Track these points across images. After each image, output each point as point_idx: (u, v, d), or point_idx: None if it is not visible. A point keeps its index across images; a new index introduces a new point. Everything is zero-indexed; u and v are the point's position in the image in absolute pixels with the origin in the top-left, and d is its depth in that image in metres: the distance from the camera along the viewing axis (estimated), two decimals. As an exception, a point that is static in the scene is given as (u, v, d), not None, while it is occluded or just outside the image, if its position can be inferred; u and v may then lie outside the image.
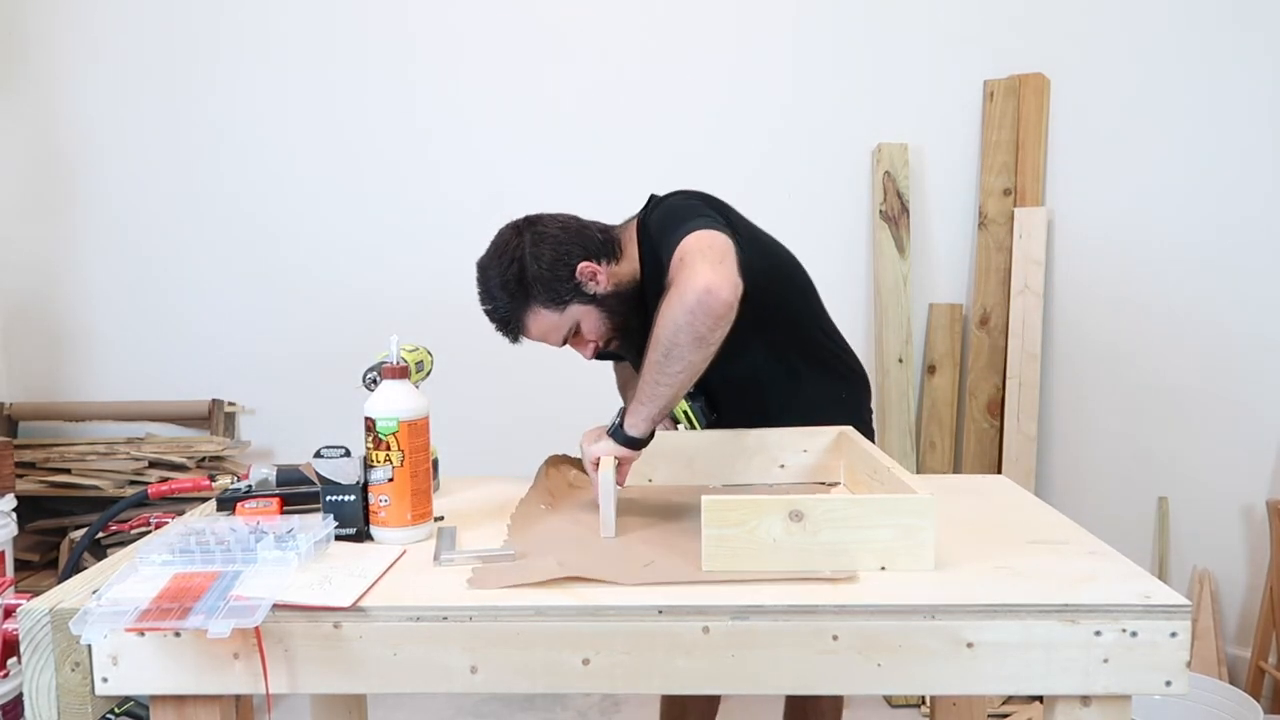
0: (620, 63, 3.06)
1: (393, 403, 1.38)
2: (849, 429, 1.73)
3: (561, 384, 3.03)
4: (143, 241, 3.22)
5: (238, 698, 1.22)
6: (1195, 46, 2.84)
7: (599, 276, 1.68)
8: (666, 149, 3.06)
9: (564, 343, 1.72)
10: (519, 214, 1.57)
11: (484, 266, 1.70)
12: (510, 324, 1.68)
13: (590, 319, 1.69)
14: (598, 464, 1.49)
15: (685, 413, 1.79)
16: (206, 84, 3.15)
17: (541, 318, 1.67)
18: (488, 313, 1.69)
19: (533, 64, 3.08)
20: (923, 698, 2.82)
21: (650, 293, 1.65)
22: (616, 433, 1.50)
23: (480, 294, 1.70)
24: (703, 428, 1.78)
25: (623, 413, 1.52)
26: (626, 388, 1.89)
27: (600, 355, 1.77)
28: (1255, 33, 2.79)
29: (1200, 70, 2.84)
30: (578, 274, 1.66)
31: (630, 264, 1.73)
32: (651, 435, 1.53)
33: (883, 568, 1.24)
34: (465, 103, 3.11)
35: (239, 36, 3.13)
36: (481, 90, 3.10)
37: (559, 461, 1.77)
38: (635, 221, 1.76)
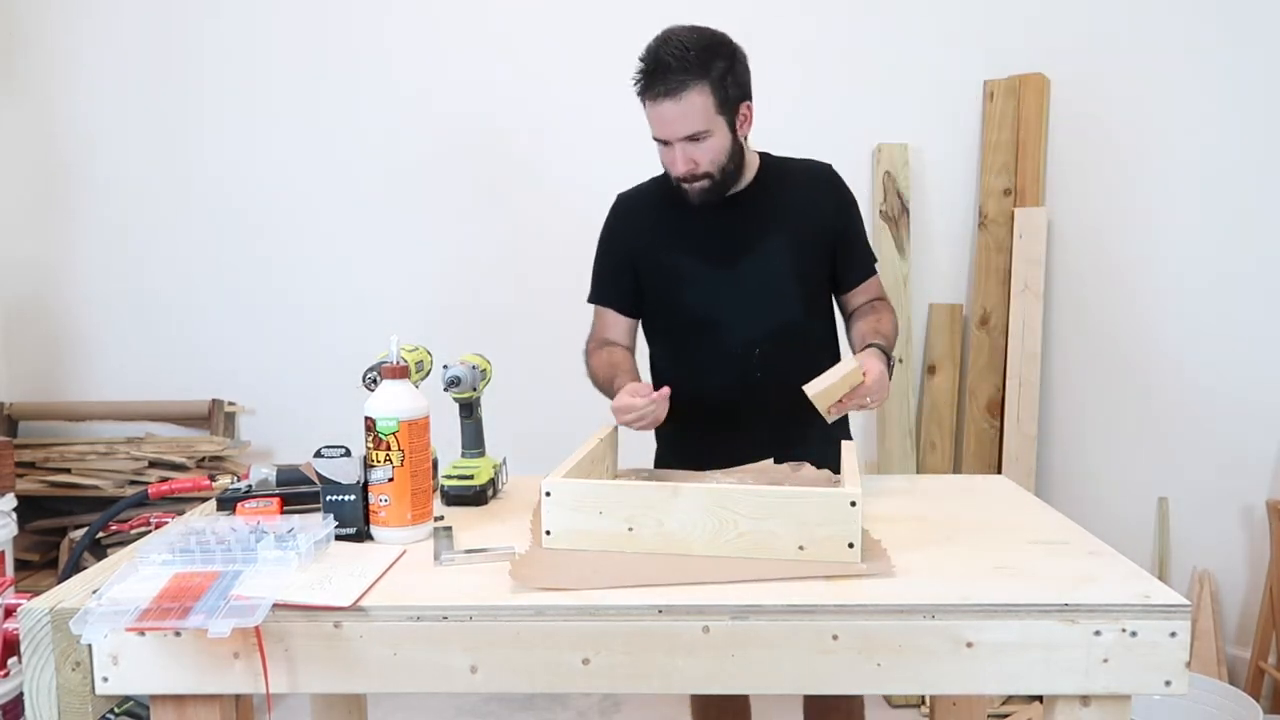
0: (619, 63, 3.05)
1: (393, 403, 1.38)
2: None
3: (558, 388, 3.03)
4: (143, 241, 3.22)
5: (238, 697, 1.22)
6: (1195, 46, 2.84)
7: (745, 126, 1.78)
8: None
9: (682, 137, 1.70)
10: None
11: (688, 28, 1.72)
12: (672, 76, 1.66)
13: (718, 143, 1.73)
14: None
15: None
16: (205, 85, 3.15)
17: (703, 98, 1.68)
18: (664, 56, 1.67)
19: (527, 63, 3.08)
20: (923, 698, 2.82)
21: (763, 196, 1.84)
22: (885, 354, 1.71)
23: (663, 40, 1.69)
24: None
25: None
26: (605, 376, 1.85)
27: (684, 179, 1.76)
28: (1254, 32, 2.79)
29: (1200, 70, 2.84)
30: (743, 105, 1.76)
31: (748, 155, 1.84)
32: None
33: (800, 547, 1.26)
34: (461, 101, 3.11)
35: (236, 39, 3.13)
36: (477, 89, 3.10)
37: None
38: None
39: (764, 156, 1.91)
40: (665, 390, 1.67)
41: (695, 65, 1.67)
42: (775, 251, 1.84)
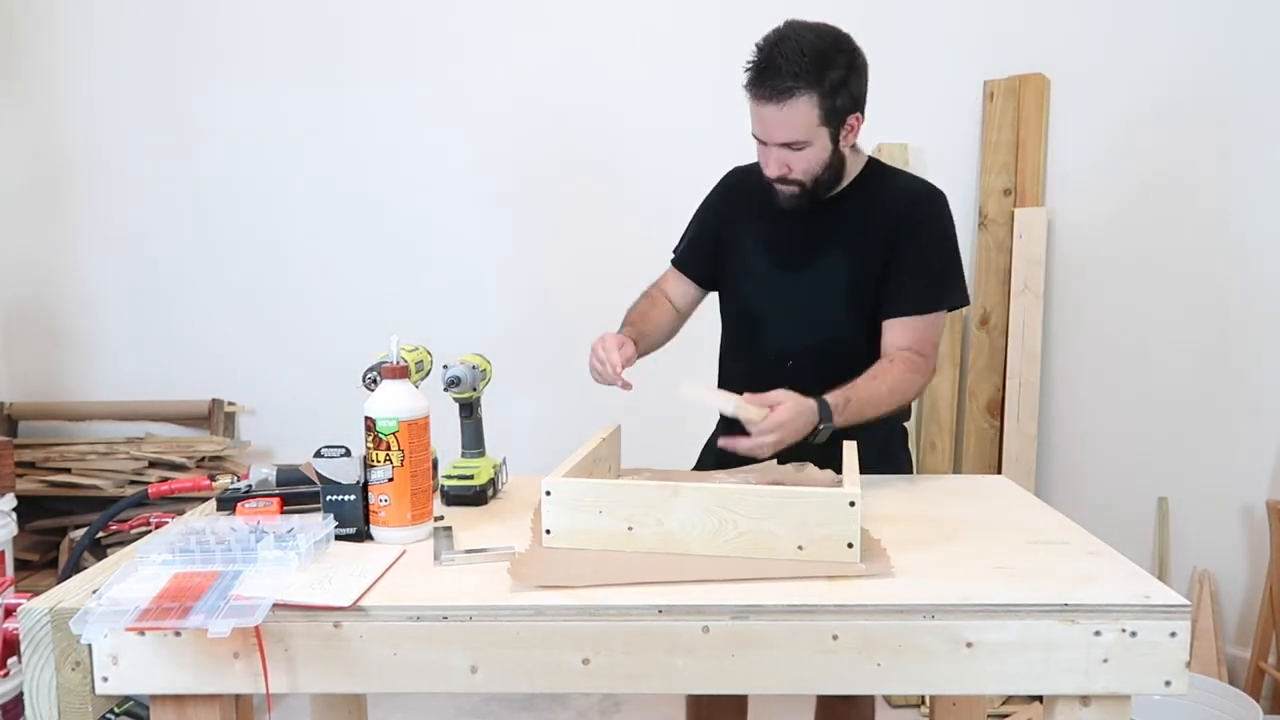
0: (619, 66, 3.06)
1: (393, 403, 1.38)
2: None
3: (560, 389, 3.03)
4: (143, 241, 3.22)
5: (238, 697, 1.22)
6: (1195, 46, 2.84)
7: (850, 137, 1.70)
8: (665, 153, 3.05)
9: (779, 143, 1.64)
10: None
11: (810, 26, 1.63)
12: (780, 81, 1.58)
13: (815, 155, 1.66)
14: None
15: None
16: (207, 84, 3.15)
17: (808, 109, 1.61)
18: (776, 57, 1.58)
19: (535, 71, 3.08)
20: (923, 698, 2.81)
21: (844, 207, 1.75)
22: (825, 410, 1.57)
23: (781, 38, 1.60)
24: None
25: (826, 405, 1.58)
26: (629, 316, 1.86)
27: (779, 181, 1.70)
28: (1254, 31, 2.79)
29: (1200, 70, 2.84)
30: (851, 116, 1.67)
31: (850, 162, 1.75)
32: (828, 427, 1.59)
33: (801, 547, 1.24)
34: (467, 106, 3.11)
35: (239, 38, 3.13)
36: (482, 94, 3.10)
37: None
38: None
39: (870, 164, 1.80)
40: (624, 380, 1.65)
41: (806, 73, 1.58)
42: (835, 267, 1.76)
